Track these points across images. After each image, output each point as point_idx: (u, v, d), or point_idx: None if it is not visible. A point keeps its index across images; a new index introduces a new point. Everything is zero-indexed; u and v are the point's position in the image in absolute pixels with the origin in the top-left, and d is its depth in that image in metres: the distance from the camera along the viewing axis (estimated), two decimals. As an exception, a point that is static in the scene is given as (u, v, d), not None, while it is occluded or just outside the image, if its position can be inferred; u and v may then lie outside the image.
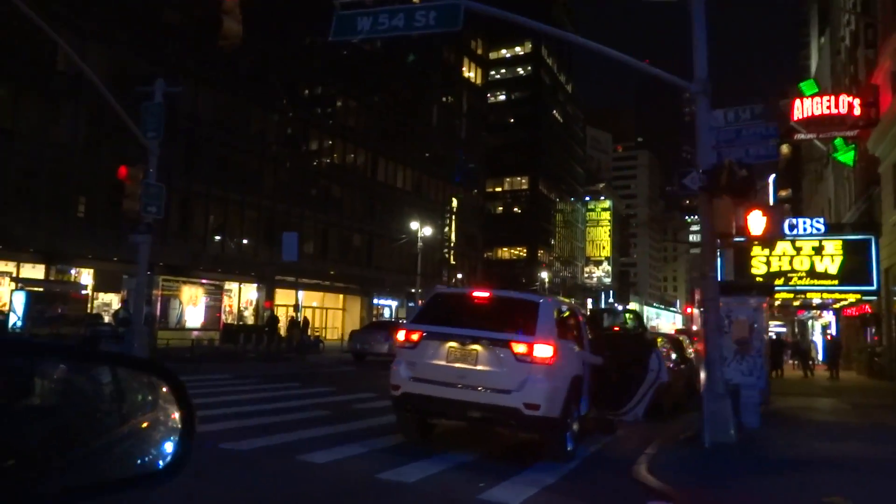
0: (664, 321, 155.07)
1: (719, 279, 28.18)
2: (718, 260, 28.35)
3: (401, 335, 7.43)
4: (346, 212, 47.77)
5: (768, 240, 10.41)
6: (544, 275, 76.12)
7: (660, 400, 9.76)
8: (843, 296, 27.84)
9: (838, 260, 26.12)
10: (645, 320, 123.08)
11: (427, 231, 48.82)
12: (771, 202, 78.10)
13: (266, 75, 41.09)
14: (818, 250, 26.42)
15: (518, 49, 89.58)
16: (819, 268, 26.30)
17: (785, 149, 64.96)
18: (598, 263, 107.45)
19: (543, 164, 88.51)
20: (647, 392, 8.39)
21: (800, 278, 26.61)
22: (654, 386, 8.39)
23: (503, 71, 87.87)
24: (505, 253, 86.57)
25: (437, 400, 6.81)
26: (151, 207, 13.88)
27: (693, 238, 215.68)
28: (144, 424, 1.59)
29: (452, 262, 58.95)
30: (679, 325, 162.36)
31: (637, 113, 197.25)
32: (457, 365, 6.86)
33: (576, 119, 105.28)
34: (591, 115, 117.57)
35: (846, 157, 26.28)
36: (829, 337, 34.63)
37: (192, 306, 26.18)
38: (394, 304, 52.10)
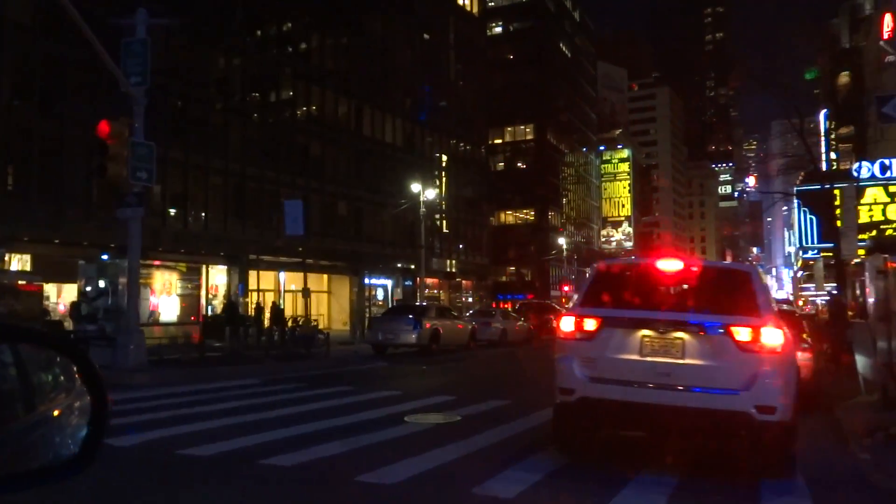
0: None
1: (808, 233, 28.01)
2: (803, 215, 28.11)
3: (568, 323, 6.68)
4: (329, 174, 46.72)
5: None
6: (562, 241, 75.63)
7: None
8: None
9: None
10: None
11: (430, 194, 47.90)
12: (823, 143, 78.03)
13: (225, 10, 39.64)
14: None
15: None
16: (922, 217, 25.92)
17: (844, 77, 64.73)
18: (617, 224, 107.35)
19: (551, 110, 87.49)
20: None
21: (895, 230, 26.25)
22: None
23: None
24: (509, 217, 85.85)
25: (635, 406, 6.08)
26: (141, 173, 12.91)
27: (723, 189, 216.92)
28: (56, 412, 1.64)
29: (446, 229, 57.84)
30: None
31: (652, 42, 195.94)
32: (657, 359, 6.14)
33: (586, 53, 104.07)
34: (602, 47, 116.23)
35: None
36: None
37: (165, 296, 25.21)
38: (389, 283, 51.39)
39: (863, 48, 56.13)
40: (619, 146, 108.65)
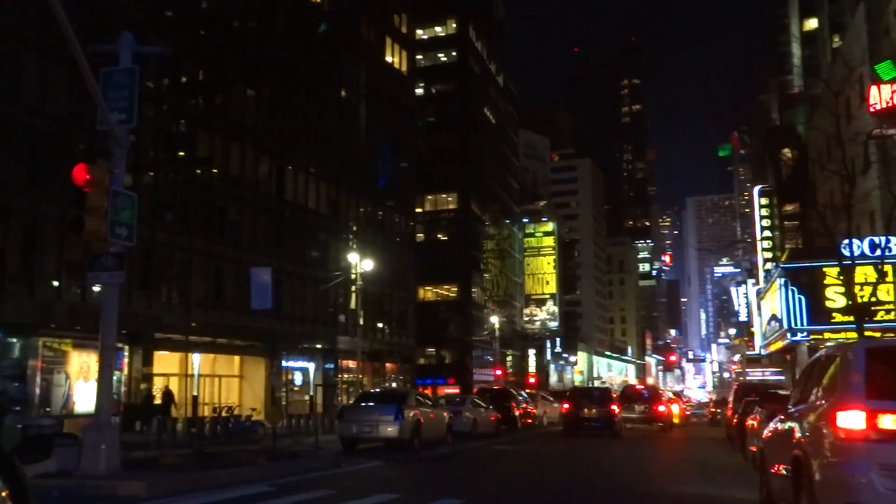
0: (615, 373, 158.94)
1: (800, 313, 28.52)
2: (792, 294, 28.68)
3: (855, 419, 5.86)
4: (246, 241, 45.06)
5: None
6: (495, 319, 75.36)
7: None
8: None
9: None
10: (595, 373, 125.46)
11: (355, 265, 46.82)
12: (758, 219, 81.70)
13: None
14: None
15: (439, 29, 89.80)
16: (915, 299, 26.84)
17: (788, 152, 68.27)
18: (541, 303, 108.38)
19: (475, 178, 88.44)
20: None
21: (887, 312, 27.06)
22: None
23: (419, 57, 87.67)
24: (429, 293, 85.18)
25: None
26: (121, 229, 11.47)
27: (643, 267, 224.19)
28: None
29: (369, 306, 55.67)
30: (632, 378, 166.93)
31: (570, 113, 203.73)
32: None
33: (509, 119, 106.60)
34: (523, 115, 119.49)
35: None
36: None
37: (82, 381, 22.86)
38: (310, 366, 49.48)
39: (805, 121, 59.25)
40: (544, 219, 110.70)
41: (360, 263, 47.07)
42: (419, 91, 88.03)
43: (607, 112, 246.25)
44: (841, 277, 26.23)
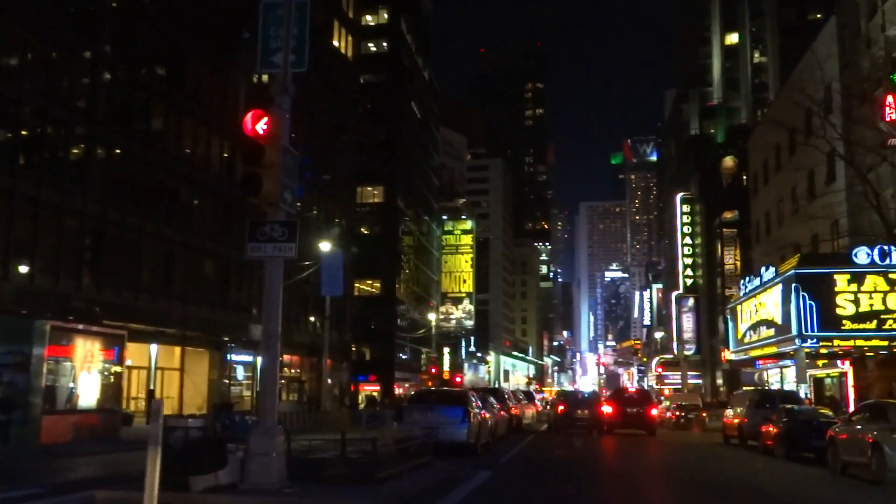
0: (520, 373, 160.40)
1: (807, 320, 28.45)
2: (802, 300, 28.60)
3: None
4: (197, 225, 42.28)
5: None
6: (432, 317, 73.98)
7: None
8: None
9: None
10: (501, 373, 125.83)
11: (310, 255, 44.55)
12: (679, 225, 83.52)
13: (95, 14, 35.27)
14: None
15: (370, 18, 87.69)
16: (917, 307, 27.17)
17: (729, 161, 69.93)
18: (457, 301, 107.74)
19: (402, 172, 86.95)
20: None
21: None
22: None
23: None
24: (353, 288, 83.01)
25: None
26: (287, 193, 9.60)
27: (544, 270, 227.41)
28: None
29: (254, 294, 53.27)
30: (532, 378, 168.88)
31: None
32: None
33: (433, 115, 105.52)
34: (441, 112, 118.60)
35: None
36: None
37: (85, 373, 20.13)
38: (257, 360, 46.79)
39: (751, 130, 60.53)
40: (463, 216, 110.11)
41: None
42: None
43: (511, 114, 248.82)
44: (852, 285, 26.37)
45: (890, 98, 27.03)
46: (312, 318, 57.51)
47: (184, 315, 39.74)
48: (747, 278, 38.53)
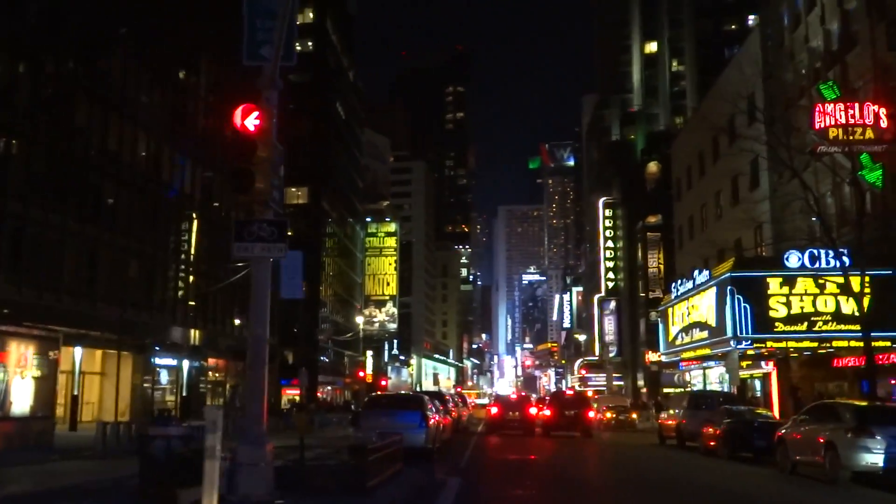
0: (442, 376, 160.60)
1: (741, 322, 29.15)
2: (737, 303, 29.31)
3: None
4: (122, 225, 40.76)
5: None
6: (360, 320, 73.20)
7: None
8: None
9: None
10: (423, 377, 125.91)
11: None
12: (602, 229, 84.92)
13: (16, 4, 33.65)
14: (843, 288, 28.29)
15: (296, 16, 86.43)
16: (845, 309, 28.15)
17: (653, 167, 71.48)
18: (381, 304, 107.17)
19: (326, 173, 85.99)
20: None
21: (825, 322, 28.27)
22: None
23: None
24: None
25: None
26: (276, 191, 9.19)
27: (464, 273, 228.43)
28: None
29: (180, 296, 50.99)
30: (453, 381, 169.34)
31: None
32: None
33: (357, 116, 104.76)
34: (365, 113, 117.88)
35: (873, 175, 28.63)
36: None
37: (18, 377, 18.90)
38: (184, 364, 45.49)
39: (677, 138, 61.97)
40: (387, 219, 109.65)
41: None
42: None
43: (432, 117, 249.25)
44: (784, 287, 27.21)
45: (819, 107, 28.08)
46: (238, 322, 56.21)
47: (108, 317, 38.20)
48: (679, 281, 39.36)
